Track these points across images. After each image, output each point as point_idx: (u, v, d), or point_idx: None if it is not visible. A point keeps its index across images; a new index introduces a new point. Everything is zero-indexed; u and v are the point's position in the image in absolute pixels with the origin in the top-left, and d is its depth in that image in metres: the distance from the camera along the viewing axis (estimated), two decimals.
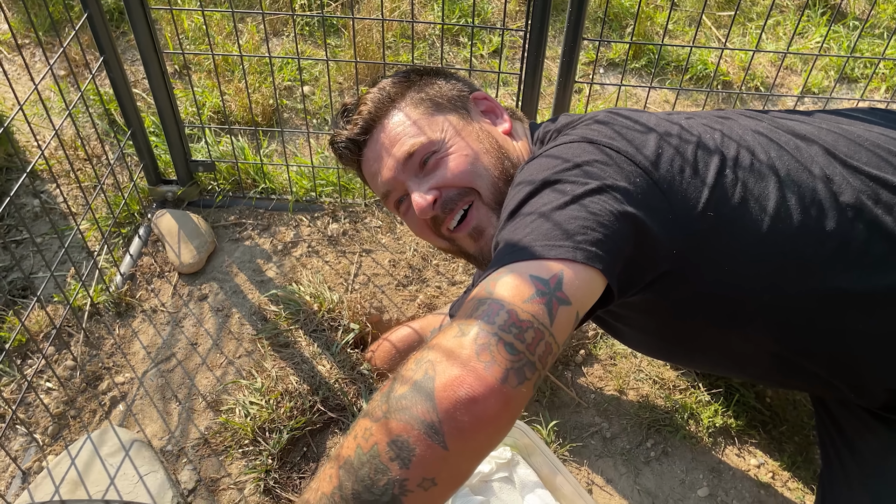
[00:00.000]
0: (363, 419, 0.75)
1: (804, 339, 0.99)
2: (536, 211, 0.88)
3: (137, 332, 1.59)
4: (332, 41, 2.49)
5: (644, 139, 0.96)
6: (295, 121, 2.21)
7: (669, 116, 1.04)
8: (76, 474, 1.29)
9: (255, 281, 1.70)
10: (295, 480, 1.33)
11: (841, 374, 1.01)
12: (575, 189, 0.88)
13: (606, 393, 1.49)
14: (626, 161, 0.93)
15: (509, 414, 0.72)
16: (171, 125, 1.76)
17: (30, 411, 1.43)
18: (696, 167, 0.95)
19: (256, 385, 1.43)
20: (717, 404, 1.45)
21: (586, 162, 0.92)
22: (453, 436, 0.69)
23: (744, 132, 1.00)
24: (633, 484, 1.35)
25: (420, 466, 0.69)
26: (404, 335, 1.48)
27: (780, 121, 1.06)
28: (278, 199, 1.90)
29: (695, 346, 1.13)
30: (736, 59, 2.49)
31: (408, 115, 1.15)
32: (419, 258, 1.76)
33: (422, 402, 0.70)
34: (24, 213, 1.87)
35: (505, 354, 0.72)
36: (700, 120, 1.04)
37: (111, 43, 1.57)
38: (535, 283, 0.78)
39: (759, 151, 0.97)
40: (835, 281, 0.93)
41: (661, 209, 0.92)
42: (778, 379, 1.17)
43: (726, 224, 0.93)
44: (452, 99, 1.19)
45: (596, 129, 0.99)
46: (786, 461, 1.39)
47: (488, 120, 1.21)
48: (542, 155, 0.98)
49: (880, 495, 1.01)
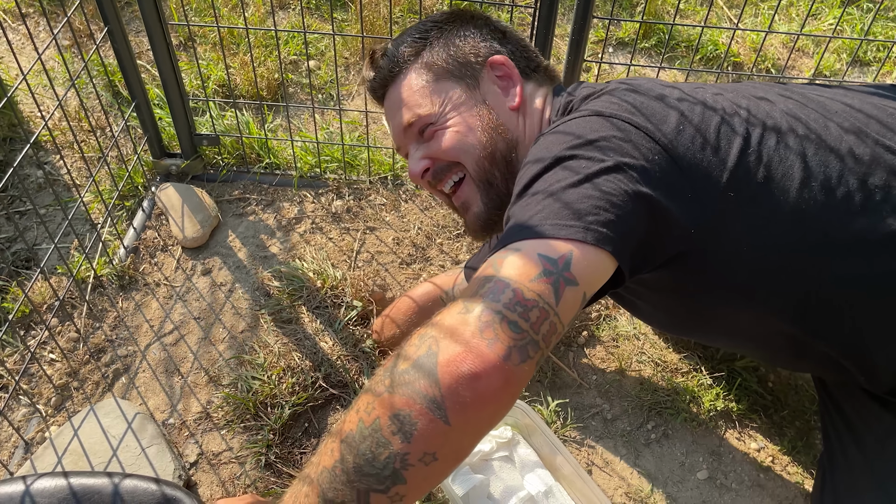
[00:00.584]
0: (365, 394, 0.75)
1: (819, 319, 0.98)
2: (547, 189, 0.86)
3: (140, 306, 1.59)
4: (339, 15, 2.47)
5: (664, 115, 0.93)
6: (300, 95, 2.20)
7: (695, 91, 1.00)
8: (79, 445, 1.29)
9: (258, 256, 1.70)
10: (296, 455, 1.33)
11: (853, 356, 1.00)
12: (588, 167, 0.86)
13: (608, 374, 1.49)
14: (643, 137, 0.90)
15: (511, 391, 0.72)
16: (176, 98, 1.74)
17: (33, 382, 1.44)
18: (719, 145, 0.92)
19: (258, 360, 1.43)
20: (718, 388, 1.45)
21: (602, 138, 0.89)
22: (455, 411, 0.69)
23: (771, 109, 0.97)
24: (632, 465, 1.35)
25: (422, 441, 0.70)
26: (418, 295, 1.46)
27: (810, 95, 1.02)
28: (282, 175, 1.89)
29: (708, 324, 1.12)
30: (747, 40, 2.46)
31: (414, 83, 1.17)
32: (423, 236, 1.76)
33: (424, 378, 0.70)
34: (27, 184, 1.86)
35: (508, 332, 0.72)
36: (727, 95, 1.00)
37: (116, 13, 1.55)
38: (543, 263, 0.77)
39: (786, 130, 0.94)
40: (856, 263, 0.92)
41: (679, 188, 0.89)
42: (788, 359, 1.16)
43: (747, 204, 0.91)
44: (464, 66, 1.16)
45: (614, 103, 0.96)
46: (786, 445, 1.39)
47: (500, 89, 1.16)
48: (556, 130, 0.96)
49: (883, 480, 1.01)
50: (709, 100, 0.97)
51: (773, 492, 1.33)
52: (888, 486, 1.00)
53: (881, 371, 1.00)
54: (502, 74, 1.17)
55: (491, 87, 1.16)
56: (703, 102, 0.96)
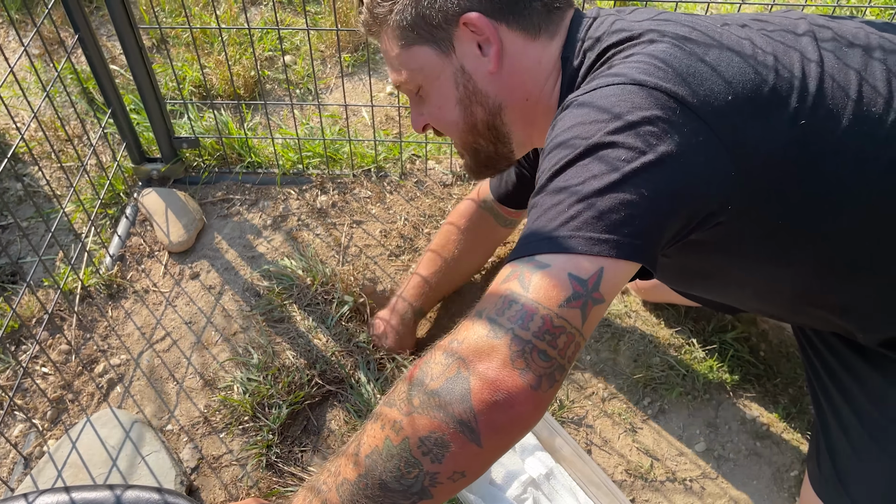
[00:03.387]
0: (390, 410, 0.76)
1: (838, 276, 0.96)
2: (580, 190, 0.78)
3: (130, 314, 1.58)
4: (312, 7, 2.44)
5: (713, 81, 0.83)
6: (278, 91, 2.18)
7: (741, 43, 0.89)
8: (78, 458, 1.29)
9: (245, 257, 1.69)
10: (296, 454, 1.34)
11: (857, 310, 1.00)
12: (627, 160, 0.77)
13: (602, 353, 1.50)
14: (689, 116, 0.80)
15: (539, 414, 0.75)
16: (152, 102, 1.72)
17: (27, 397, 1.43)
18: (769, 114, 0.84)
19: (253, 361, 1.43)
20: (711, 360, 1.46)
21: (645, 120, 0.79)
22: (488, 436, 0.72)
23: (812, 62, 0.88)
24: (631, 442, 1.37)
25: (453, 462, 0.73)
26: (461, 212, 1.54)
27: (841, 31, 0.93)
28: (265, 173, 1.88)
29: (717, 281, 1.10)
30: (722, 9, 2.46)
31: (389, 47, 1.08)
32: (410, 227, 1.76)
33: (457, 403, 0.72)
34: (7, 198, 1.84)
35: (539, 362, 0.73)
36: (773, 34, 0.91)
37: (85, 20, 1.53)
38: (573, 284, 0.75)
39: (834, 84, 0.87)
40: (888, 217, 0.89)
41: (722, 169, 0.82)
42: (786, 312, 1.15)
43: (796, 173, 0.86)
44: (436, 28, 1.03)
45: (655, 66, 0.84)
46: (780, 412, 1.41)
47: (478, 50, 1.03)
48: (587, 102, 0.84)
49: (880, 438, 1.02)
50: (758, 43, 0.89)
51: (770, 459, 1.35)
52: (885, 443, 1.01)
53: (882, 324, 1.00)
54: (476, 34, 1.02)
55: (468, 49, 1.03)
56: (753, 56, 0.87)
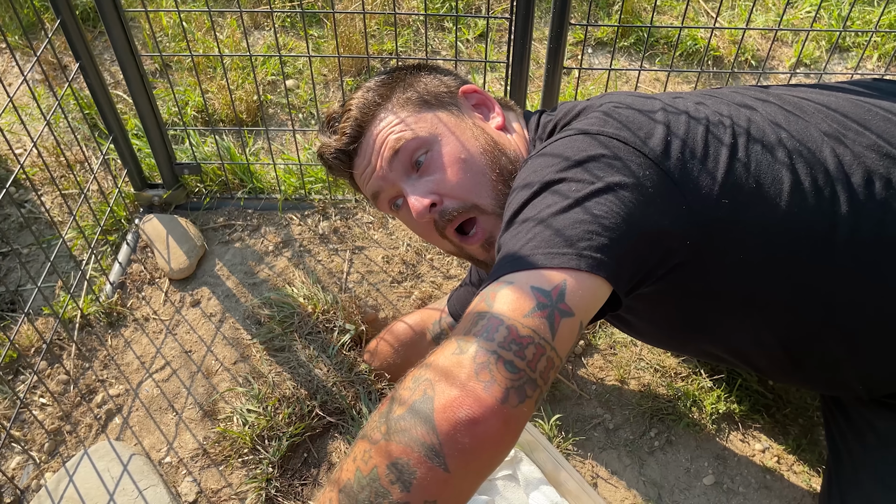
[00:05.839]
0: (361, 441, 0.73)
1: (815, 324, 0.97)
2: (537, 216, 0.84)
3: (130, 342, 1.56)
4: (315, 31, 2.44)
5: (651, 128, 0.92)
6: (280, 116, 2.17)
7: (675, 101, 0.99)
8: (75, 492, 1.27)
9: (247, 284, 1.67)
10: (297, 487, 1.31)
11: (852, 366, 0.99)
12: (578, 190, 0.84)
13: (608, 383, 1.47)
14: (632, 153, 0.88)
15: (511, 434, 0.71)
16: (154, 128, 1.72)
17: (25, 428, 1.41)
18: (707, 154, 0.91)
19: (253, 392, 1.41)
20: (719, 390, 1.44)
21: (590, 158, 0.88)
22: (454, 458, 0.68)
23: (752, 115, 0.97)
24: (637, 475, 1.34)
25: (421, 489, 0.68)
26: (401, 332, 1.45)
27: (787, 98, 1.01)
28: (267, 199, 1.87)
29: (703, 336, 1.10)
30: (726, 33, 2.45)
31: (396, 115, 1.09)
32: (413, 253, 1.74)
33: (421, 424, 0.68)
34: (7, 225, 1.83)
35: (504, 373, 0.70)
36: (708, 103, 0.99)
37: (86, 48, 1.52)
38: (537, 296, 0.75)
39: (770, 135, 0.93)
40: (847, 265, 0.91)
41: (673, 201, 0.88)
42: (783, 372, 1.14)
43: (742, 211, 0.90)
44: (441, 95, 1.13)
45: (599, 119, 0.94)
46: (790, 444, 1.38)
47: (480, 115, 1.15)
48: (543, 153, 0.94)
49: (886, 480, 1.00)
50: (691, 110, 0.96)
51: (780, 493, 1.31)
52: (892, 482, 0.99)
53: (880, 379, 1.00)
54: (477, 102, 1.16)
55: (472, 114, 1.14)
56: (687, 112, 0.95)
